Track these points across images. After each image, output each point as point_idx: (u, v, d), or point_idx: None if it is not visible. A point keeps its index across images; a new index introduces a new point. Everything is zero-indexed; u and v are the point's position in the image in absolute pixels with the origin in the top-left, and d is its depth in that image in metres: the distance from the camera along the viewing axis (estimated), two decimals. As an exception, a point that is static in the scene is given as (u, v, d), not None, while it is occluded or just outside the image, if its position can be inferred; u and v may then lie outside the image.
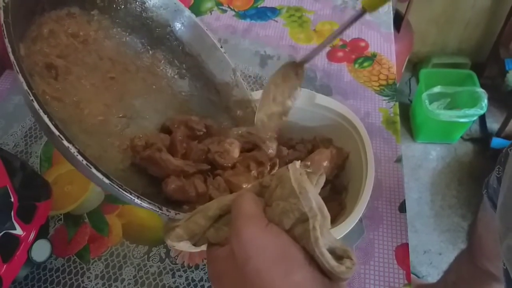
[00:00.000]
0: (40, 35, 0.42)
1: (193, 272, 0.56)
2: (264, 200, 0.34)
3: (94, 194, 0.64)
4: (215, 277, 0.33)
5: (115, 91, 0.48)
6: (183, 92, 0.55)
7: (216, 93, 0.55)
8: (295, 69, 0.48)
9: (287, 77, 0.48)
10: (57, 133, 0.32)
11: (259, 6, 0.93)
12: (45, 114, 0.31)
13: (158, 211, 0.37)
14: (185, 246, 0.35)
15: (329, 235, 0.30)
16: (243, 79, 0.54)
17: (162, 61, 0.54)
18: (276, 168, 0.48)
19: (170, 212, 0.38)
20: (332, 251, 0.29)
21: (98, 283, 0.56)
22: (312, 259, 0.29)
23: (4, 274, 0.48)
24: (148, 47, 0.53)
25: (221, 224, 0.34)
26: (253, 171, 0.46)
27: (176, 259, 0.58)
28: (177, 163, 0.44)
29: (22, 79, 0.32)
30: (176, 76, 0.55)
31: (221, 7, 0.93)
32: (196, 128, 0.49)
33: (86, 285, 0.56)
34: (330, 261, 0.28)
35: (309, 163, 0.36)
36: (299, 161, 0.34)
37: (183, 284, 0.56)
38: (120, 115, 0.47)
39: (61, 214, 0.63)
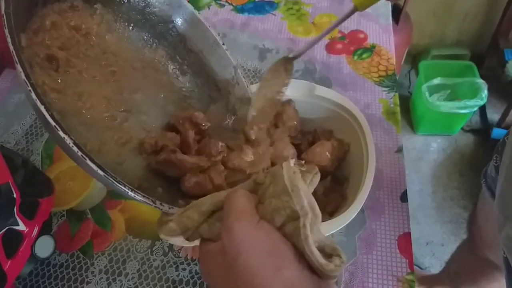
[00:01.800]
0: (42, 27, 0.42)
1: (197, 265, 0.57)
2: (257, 197, 0.34)
3: (96, 190, 0.65)
4: (207, 272, 0.33)
5: (116, 84, 0.48)
6: (184, 88, 0.55)
7: (217, 90, 0.55)
8: (285, 65, 0.49)
9: (277, 73, 0.49)
10: (53, 123, 0.32)
11: (257, 0, 0.93)
12: (42, 104, 0.32)
13: (152, 205, 0.37)
14: (178, 241, 0.36)
15: (319, 233, 0.30)
16: (242, 73, 0.54)
17: (164, 57, 0.54)
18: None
19: (164, 206, 0.38)
20: (321, 249, 0.29)
21: (102, 277, 0.57)
22: (302, 257, 0.29)
23: (9, 270, 0.49)
24: (150, 42, 0.53)
25: (214, 220, 0.35)
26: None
27: (180, 252, 0.58)
28: (193, 160, 0.45)
29: (20, 69, 0.32)
30: (177, 72, 0.55)
31: (219, 1, 0.93)
32: (201, 123, 0.49)
33: (90, 280, 0.57)
34: (319, 259, 0.28)
35: (303, 161, 0.36)
36: (293, 159, 0.34)
37: (187, 277, 0.56)
38: (121, 109, 0.47)
39: (63, 210, 0.63)
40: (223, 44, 0.54)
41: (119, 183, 0.34)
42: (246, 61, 0.81)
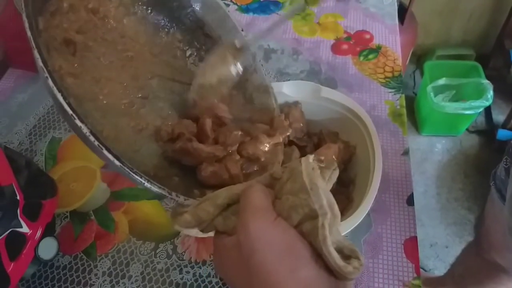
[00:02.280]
0: (59, 9, 0.42)
1: (201, 268, 0.56)
2: (274, 192, 0.33)
3: (100, 191, 0.64)
4: (221, 266, 0.33)
5: (133, 70, 0.47)
6: None
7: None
8: (233, 53, 0.47)
9: (225, 59, 0.47)
10: (70, 112, 0.31)
11: (262, 0, 0.92)
12: (59, 92, 0.31)
13: (168, 196, 0.36)
14: (192, 232, 0.35)
15: (338, 233, 0.29)
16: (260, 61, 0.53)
17: (182, 42, 0.53)
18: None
19: (179, 197, 0.37)
20: (339, 250, 0.29)
21: (105, 280, 0.56)
22: (319, 257, 0.29)
23: (12, 272, 0.48)
24: (168, 26, 0.52)
25: (230, 213, 0.34)
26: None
27: (183, 255, 0.57)
28: (209, 150, 0.44)
29: (37, 56, 0.32)
30: (195, 58, 0.54)
31: (223, 1, 0.92)
32: (224, 116, 0.48)
33: (93, 282, 0.56)
34: (337, 261, 0.28)
35: (322, 157, 0.35)
36: (313, 155, 0.33)
37: (191, 280, 0.55)
38: (138, 96, 0.46)
39: (67, 212, 0.63)
40: (242, 30, 0.53)
41: (136, 174, 0.34)
42: (250, 61, 0.80)
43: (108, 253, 0.58)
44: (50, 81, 0.31)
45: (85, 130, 0.32)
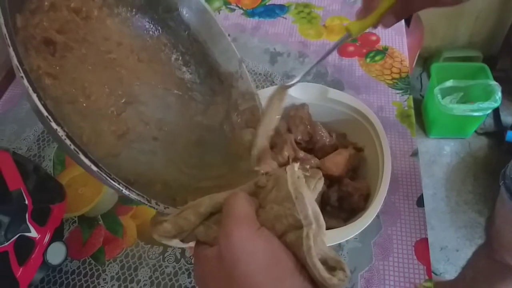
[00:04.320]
0: (40, 7, 0.40)
1: (209, 272, 0.56)
2: (258, 201, 0.33)
3: (108, 196, 0.64)
4: (201, 278, 0.32)
5: (115, 72, 0.45)
6: (185, 78, 0.52)
7: (219, 83, 0.52)
8: (279, 94, 0.47)
9: (272, 104, 0.47)
10: (45, 113, 0.29)
11: (267, 4, 0.92)
12: (34, 92, 0.29)
13: (147, 204, 0.34)
14: (172, 242, 0.34)
15: (323, 244, 0.29)
16: (253, 76, 0.52)
17: (166, 45, 0.51)
18: None
19: (159, 205, 0.35)
20: (324, 262, 0.28)
21: (114, 284, 0.56)
22: (303, 268, 0.28)
23: (21, 277, 0.48)
24: (153, 29, 0.51)
25: (212, 223, 0.33)
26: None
27: (192, 259, 0.57)
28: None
29: (12, 53, 0.29)
30: (180, 62, 0.52)
31: (229, 6, 0.93)
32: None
33: (102, 287, 0.56)
34: (322, 272, 0.27)
35: (308, 166, 0.34)
36: (298, 164, 0.33)
37: (199, 284, 0.55)
38: (119, 99, 0.44)
39: (75, 217, 0.63)
40: (229, 35, 0.51)
41: (114, 180, 0.32)
42: (257, 65, 0.80)
43: (117, 257, 0.58)
44: (25, 81, 0.29)
45: (61, 133, 0.29)
